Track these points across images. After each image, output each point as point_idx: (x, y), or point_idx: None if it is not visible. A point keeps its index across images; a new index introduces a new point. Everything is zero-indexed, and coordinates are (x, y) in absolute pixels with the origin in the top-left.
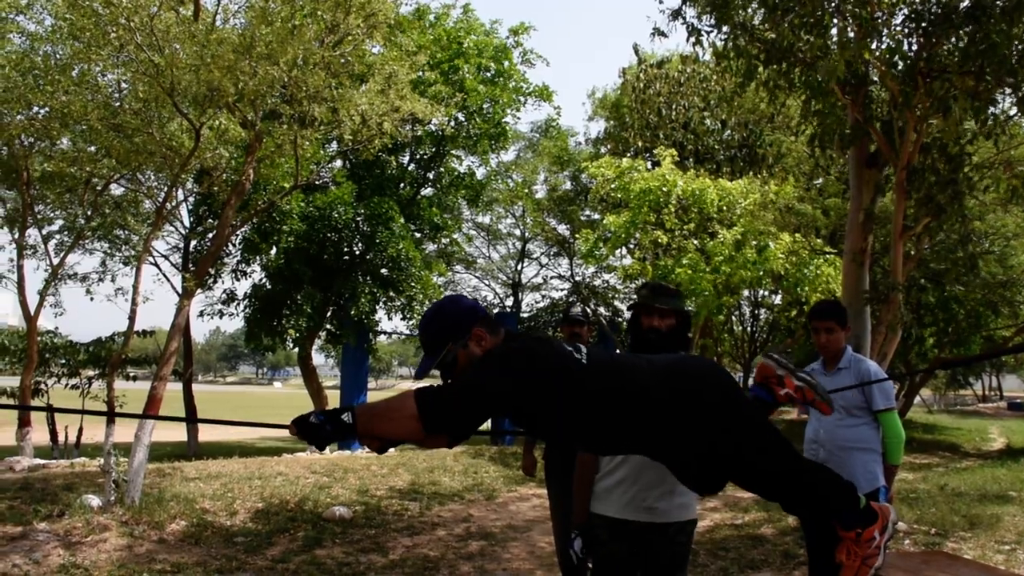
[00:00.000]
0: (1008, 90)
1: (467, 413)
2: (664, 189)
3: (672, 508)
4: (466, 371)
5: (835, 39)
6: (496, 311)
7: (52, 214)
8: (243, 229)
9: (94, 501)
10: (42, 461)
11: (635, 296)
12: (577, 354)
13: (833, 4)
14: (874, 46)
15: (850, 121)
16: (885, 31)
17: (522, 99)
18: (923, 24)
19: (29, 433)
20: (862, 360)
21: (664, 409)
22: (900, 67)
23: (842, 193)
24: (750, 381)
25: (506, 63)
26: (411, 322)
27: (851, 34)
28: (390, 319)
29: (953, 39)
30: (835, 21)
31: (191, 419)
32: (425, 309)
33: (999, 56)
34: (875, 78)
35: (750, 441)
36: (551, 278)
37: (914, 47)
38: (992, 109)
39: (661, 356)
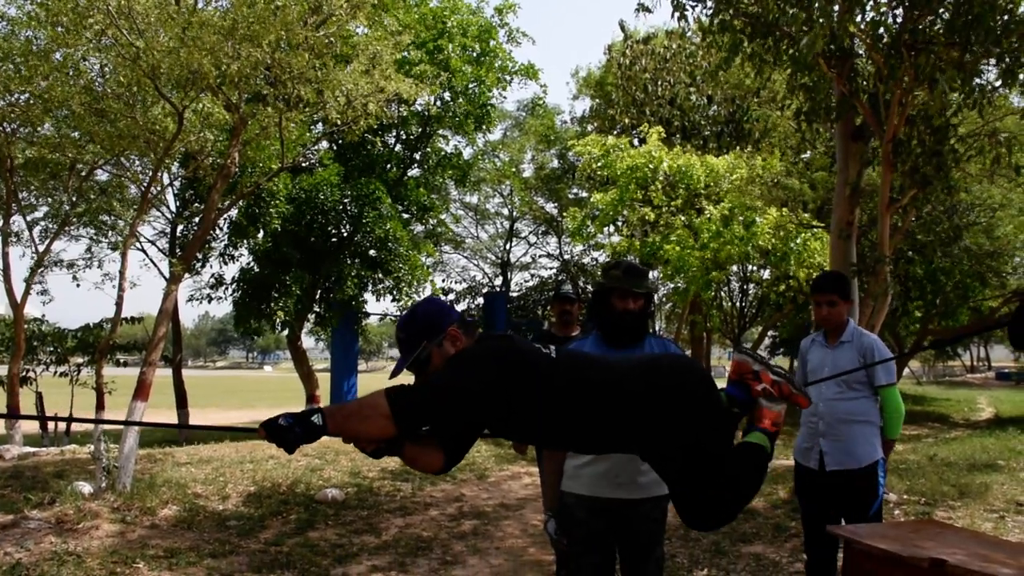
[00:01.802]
0: (993, 60)
1: (438, 408)
2: (651, 166)
3: (645, 484)
4: (439, 370)
5: (819, 12)
6: (485, 290)
7: (36, 201)
8: (230, 213)
9: (85, 488)
10: (32, 449)
11: (605, 276)
12: (545, 350)
13: None
14: (859, 19)
15: (836, 95)
16: (869, 3)
17: (508, 78)
18: None
19: (18, 421)
20: (864, 334)
21: (640, 401)
22: (885, 40)
23: (829, 167)
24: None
25: (491, 42)
26: (400, 303)
27: (835, 7)
28: (378, 301)
29: (938, 10)
30: None
31: (143, 423)
32: (414, 295)
33: (984, 27)
34: (860, 51)
35: (729, 444)
36: (540, 257)
37: (899, 19)
38: (977, 80)
39: (637, 355)
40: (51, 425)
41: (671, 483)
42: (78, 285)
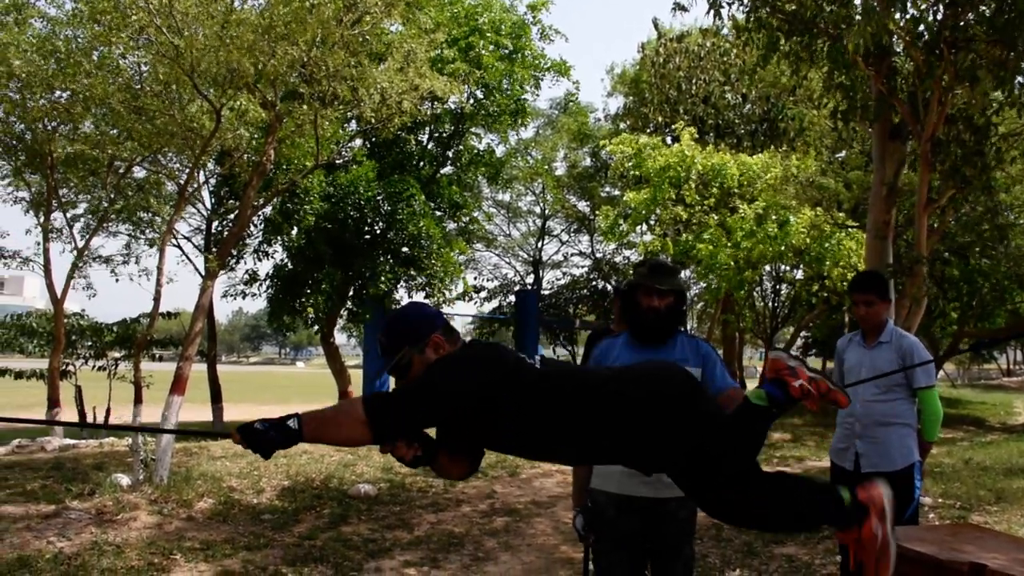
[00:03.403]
0: None
1: (414, 413)
2: (684, 165)
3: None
4: (418, 375)
5: (859, 9)
6: (517, 288)
7: (76, 197)
8: (265, 209)
9: (123, 480)
10: (72, 441)
11: (634, 273)
12: (530, 360)
13: None
14: (898, 16)
15: (874, 93)
16: (910, 1)
17: (540, 75)
18: None
19: (59, 414)
20: (904, 335)
21: (620, 412)
22: (925, 37)
23: (865, 166)
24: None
25: (523, 39)
26: (433, 300)
27: (875, 4)
28: (411, 297)
29: (980, 8)
30: None
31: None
32: (446, 291)
33: None
34: (899, 49)
35: (735, 446)
36: (571, 255)
37: (939, 17)
38: (1019, 79)
39: (622, 364)
40: (89, 418)
41: (679, 478)
42: (117, 280)
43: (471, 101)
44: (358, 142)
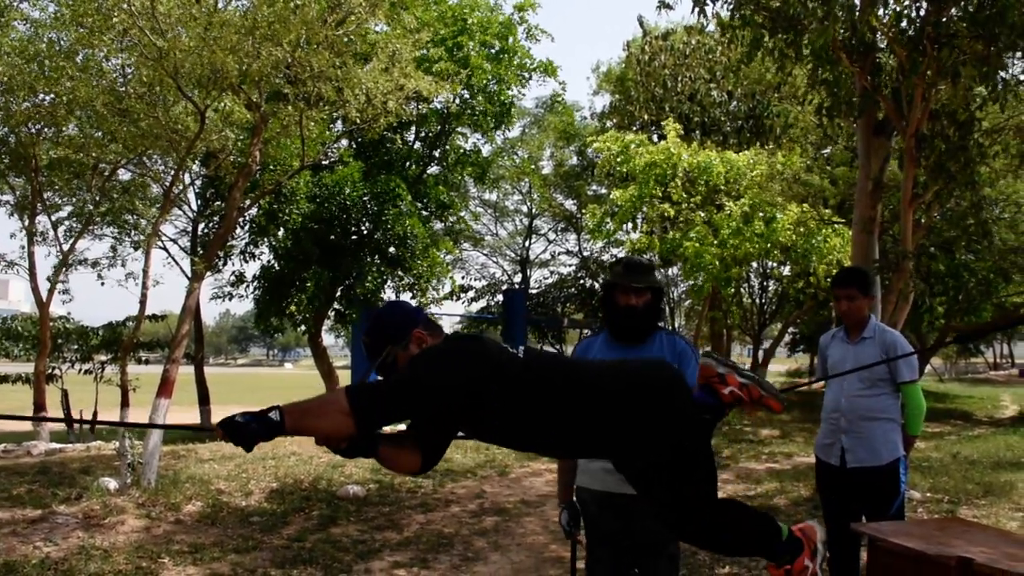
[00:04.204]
0: (1019, 54)
1: (399, 406)
2: (669, 162)
3: None
4: (402, 368)
5: (841, 4)
6: (505, 287)
7: (61, 200)
8: (251, 211)
9: (111, 484)
10: (58, 445)
11: (609, 272)
12: (512, 350)
13: None
14: (881, 12)
15: (858, 89)
16: None
17: (527, 75)
18: None
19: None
20: (887, 330)
21: (603, 405)
22: (908, 33)
23: (850, 162)
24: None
25: (511, 39)
26: (420, 300)
27: (857, 1)
28: (398, 298)
29: (962, 3)
30: None
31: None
32: (433, 292)
33: (1009, 20)
34: (882, 45)
35: (706, 451)
36: (559, 254)
37: (922, 12)
38: (1002, 74)
39: (609, 359)
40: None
41: (647, 487)
42: (103, 284)
43: (457, 101)
44: (344, 142)
